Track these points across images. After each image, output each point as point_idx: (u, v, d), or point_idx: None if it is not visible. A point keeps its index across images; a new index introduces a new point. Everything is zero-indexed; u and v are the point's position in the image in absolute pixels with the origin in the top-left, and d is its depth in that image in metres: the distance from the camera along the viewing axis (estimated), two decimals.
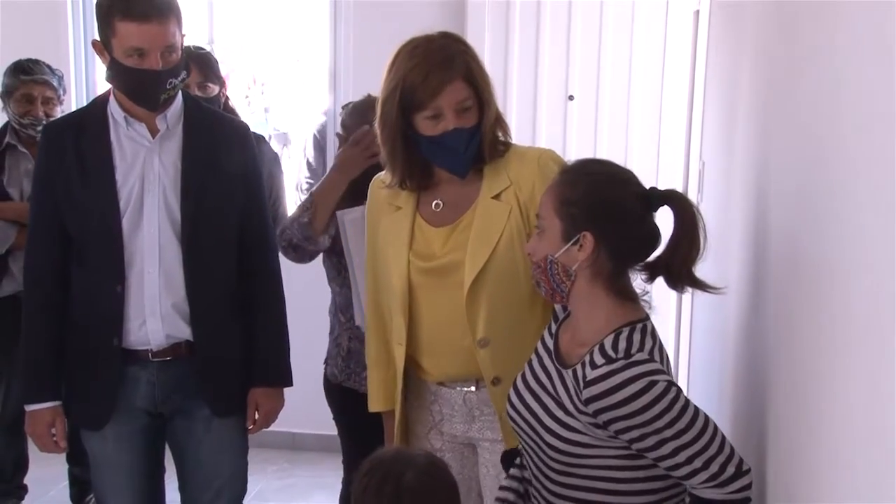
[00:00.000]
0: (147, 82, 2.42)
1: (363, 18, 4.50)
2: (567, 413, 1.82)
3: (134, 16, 2.35)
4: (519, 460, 2.10)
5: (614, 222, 1.81)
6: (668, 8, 4.20)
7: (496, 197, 2.25)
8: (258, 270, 2.67)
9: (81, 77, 4.83)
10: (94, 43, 2.48)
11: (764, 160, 2.05)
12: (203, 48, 3.75)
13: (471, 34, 3.89)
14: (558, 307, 2.00)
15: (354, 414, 2.87)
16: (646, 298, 1.88)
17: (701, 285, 1.85)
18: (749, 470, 1.73)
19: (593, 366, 1.75)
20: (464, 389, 2.33)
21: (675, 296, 2.89)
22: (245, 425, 2.70)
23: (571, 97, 4.30)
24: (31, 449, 2.77)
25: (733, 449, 1.74)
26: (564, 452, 1.82)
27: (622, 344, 1.77)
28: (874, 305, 1.12)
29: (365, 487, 1.79)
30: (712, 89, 3.41)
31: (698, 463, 1.71)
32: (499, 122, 2.29)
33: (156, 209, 2.49)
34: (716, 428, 1.74)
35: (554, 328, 1.99)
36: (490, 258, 2.21)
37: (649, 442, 1.72)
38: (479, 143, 2.23)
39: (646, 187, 1.86)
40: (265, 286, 2.69)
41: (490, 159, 2.27)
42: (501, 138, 2.30)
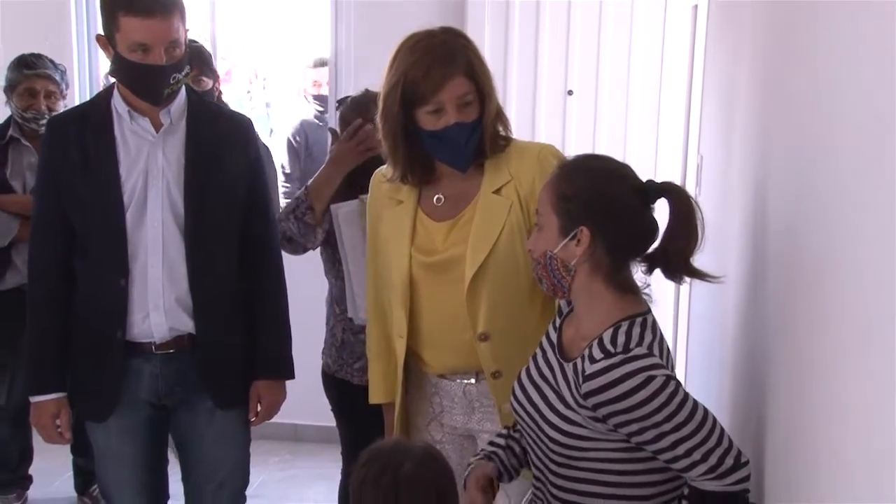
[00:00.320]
0: (151, 77, 2.41)
1: (364, 13, 4.49)
2: (568, 406, 1.81)
3: (138, 11, 2.34)
4: (509, 427, 2.10)
5: (611, 217, 1.81)
6: (667, 3, 4.19)
7: (497, 192, 2.25)
8: (261, 264, 2.67)
9: (85, 71, 4.82)
10: (99, 38, 2.47)
11: (762, 154, 2.05)
12: (196, 41, 3.72)
13: (471, 29, 3.87)
14: (562, 301, 2.00)
15: (349, 404, 2.88)
16: (647, 292, 1.88)
17: (699, 275, 1.84)
18: (747, 462, 1.73)
19: (592, 360, 1.75)
20: (464, 382, 2.33)
21: (674, 287, 2.89)
22: (247, 417, 2.70)
23: (570, 92, 4.29)
24: (36, 440, 2.77)
25: (731, 441, 1.74)
26: (565, 445, 1.82)
27: (621, 338, 1.77)
28: (873, 298, 1.11)
29: (363, 479, 1.79)
30: (710, 84, 3.40)
31: (697, 455, 1.71)
32: (499, 117, 2.29)
33: (159, 203, 2.49)
34: (714, 420, 1.74)
35: (558, 322, 1.99)
36: (491, 253, 2.21)
37: (648, 435, 1.72)
38: (480, 138, 2.23)
39: (642, 181, 1.86)
40: (267, 280, 2.68)
41: (491, 154, 2.27)
42: (502, 133, 2.30)
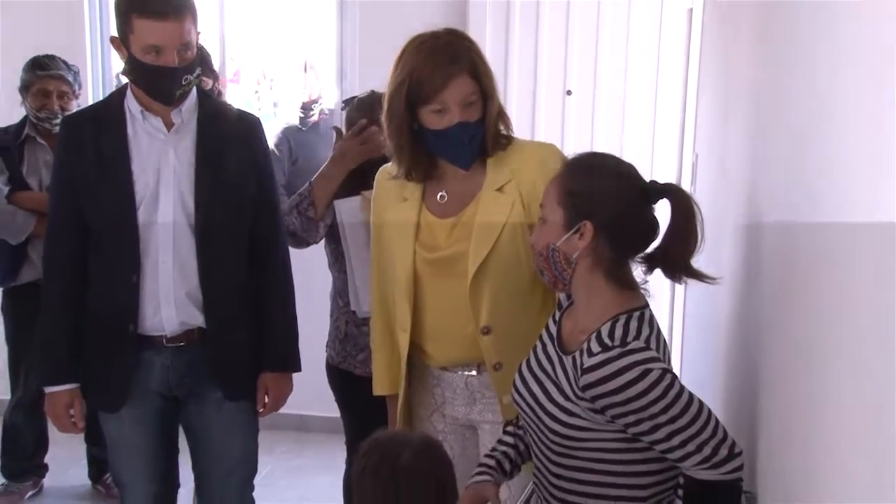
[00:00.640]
0: (163, 78, 2.41)
1: (368, 15, 4.48)
2: (567, 398, 1.81)
3: (151, 13, 2.34)
4: (515, 420, 2.10)
5: (614, 213, 1.81)
6: (663, 5, 4.19)
7: (499, 189, 2.24)
8: (269, 260, 2.66)
9: (98, 72, 4.82)
10: (113, 39, 2.47)
11: (756, 152, 2.05)
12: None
13: (472, 31, 3.87)
14: (562, 295, 2.00)
15: (352, 394, 2.88)
16: (645, 287, 1.88)
17: (698, 276, 1.85)
18: (741, 452, 1.73)
19: (590, 353, 1.75)
20: (465, 373, 2.33)
21: (670, 282, 2.88)
22: (255, 408, 2.70)
23: (569, 92, 4.29)
24: (52, 429, 2.77)
25: (726, 432, 1.74)
26: (564, 436, 1.82)
27: (618, 332, 1.77)
28: (866, 294, 1.11)
29: (363, 469, 1.79)
30: (705, 84, 3.40)
31: (692, 446, 1.71)
32: (501, 117, 2.28)
33: (170, 200, 2.49)
34: (709, 412, 1.74)
35: (558, 315, 1.99)
36: (492, 249, 2.21)
37: (644, 427, 1.72)
38: (483, 137, 2.23)
39: (646, 181, 1.86)
40: (275, 275, 2.68)
41: (493, 152, 2.26)
42: (504, 132, 2.30)
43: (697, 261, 1.84)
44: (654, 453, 1.77)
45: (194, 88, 2.54)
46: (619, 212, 1.82)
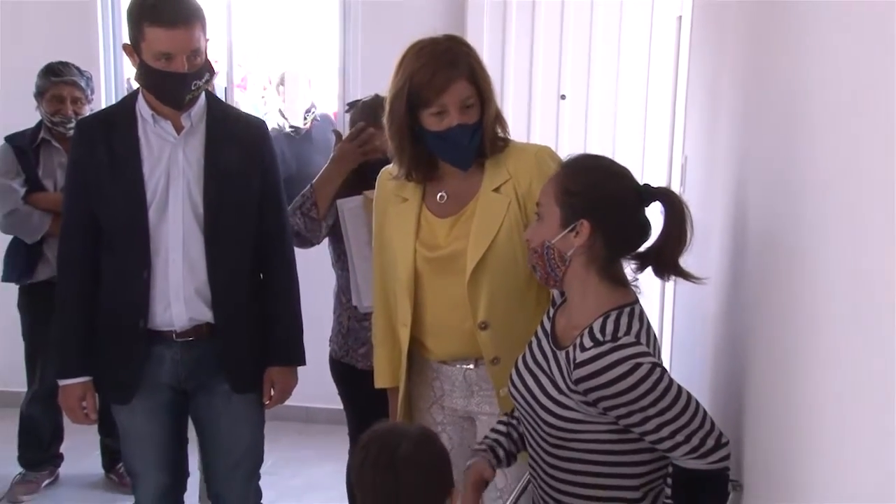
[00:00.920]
0: (173, 84, 2.41)
1: (370, 21, 4.48)
2: (560, 392, 1.81)
3: (162, 22, 2.35)
4: (508, 414, 2.10)
5: (611, 213, 1.81)
6: (653, 14, 4.20)
7: (496, 190, 2.24)
8: (274, 258, 2.66)
9: (111, 77, 4.81)
10: (125, 46, 2.47)
11: (743, 154, 2.04)
12: None
13: (470, 38, 3.86)
14: (556, 292, 2.00)
15: (354, 387, 2.88)
16: (636, 284, 1.88)
17: (686, 275, 1.84)
18: (728, 442, 1.73)
19: (582, 348, 1.75)
20: (464, 367, 2.32)
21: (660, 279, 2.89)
22: (261, 401, 2.70)
23: (563, 96, 4.29)
24: (67, 421, 2.77)
25: (713, 423, 1.74)
26: (559, 428, 1.82)
27: (610, 327, 1.77)
28: (845, 289, 1.11)
29: (363, 460, 1.79)
30: (694, 88, 3.40)
31: (680, 437, 1.71)
32: (498, 120, 2.28)
33: (180, 200, 2.49)
34: (697, 404, 1.74)
35: (552, 312, 1.99)
36: (490, 247, 2.20)
37: (635, 419, 1.72)
38: (481, 139, 2.23)
39: (640, 184, 1.86)
40: (281, 273, 2.68)
41: (490, 154, 2.26)
42: (501, 135, 2.29)
43: (686, 259, 1.84)
44: (645, 444, 1.77)
45: (203, 93, 2.54)
46: (616, 212, 1.81)
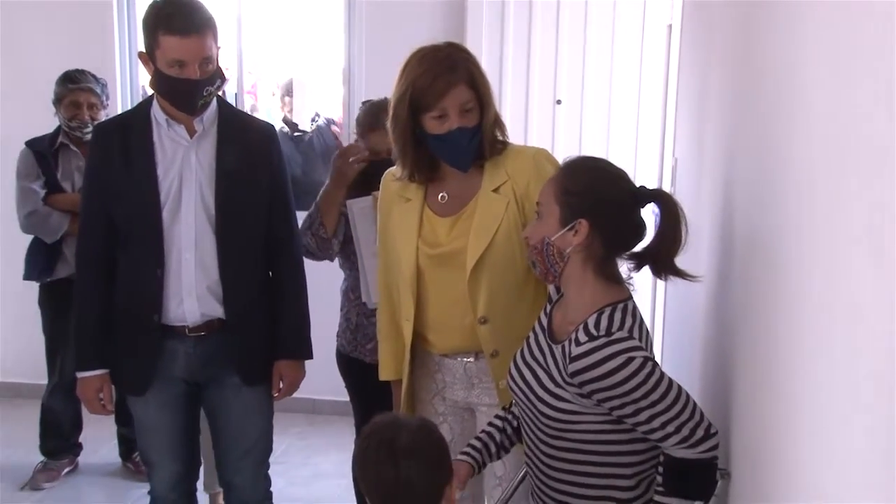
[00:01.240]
0: (186, 90, 2.41)
1: (373, 31, 4.48)
2: (557, 384, 1.81)
3: (176, 31, 2.35)
4: (507, 407, 2.09)
5: (608, 213, 1.80)
6: (645, 22, 4.19)
7: (495, 190, 2.24)
8: (283, 257, 2.66)
9: (127, 84, 4.81)
10: (141, 54, 2.47)
11: (729, 156, 2.04)
12: None
13: (470, 45, 3.86)
14: (552, 289, 1.99)
15: (362, 380, 2.88)
16: (630, 281, 1.87)
17: (682, 275, 1.84)
18: (716, 432, 1.73)
19: (577, 343, 1.75)
20: (464, 360, 2.32)
21: (653, 277, 2.89)
22: (271, 393, 2.70)
23: (559, 101, 4.29)
24: (85, 411, 2.77)
25: (703, 414, 1.74)
26: (555, 419, 1.81)
27: (604, 322, 1.76)
28: (826, 285, 1.11)
29: (365, 450, 1.78)
30: (684, 93, 3.40)
31: (671, 428, 1.71)
32: (497, 123, 2.28)
33: (192, 201, 2.49)
34: (687, 396, 1.73)
35: (548, 308, 1.98)
36: (490, 245, 2.20)
37: (628, 410, 1.72)
38: (480, 141, 2.22)
39: (637, 186, 1.85)
40: (289, 271, 2.68)
41: (490, 156, 2.26)
42: (500, 137, 2.29)
43: (678, 259, 1.84)
44: (638, 434, 1.76)
45: (214, 98, 2.54)
46: (613, 213, 1.81)
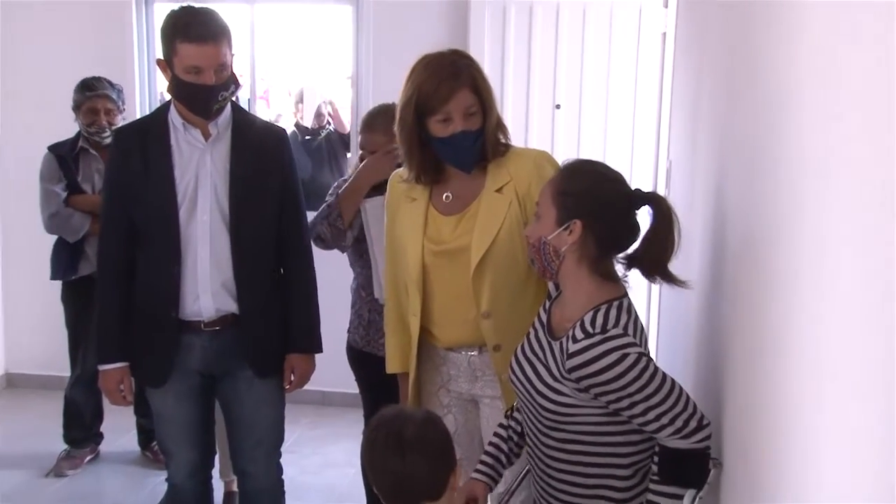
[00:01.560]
0: (202, 95, 2.41)
1: (380, 39, 4.47)
2: (555, 379, 1.80)
3: (193, 39, 2.35)
4: (511, 412, 2.09)
5: (601, 214, 1.80)
6: (640, 31, 4.18)
7: (498, 190, 2.23)
8: (294, 254, 2.66)
9: (145, 89, 4.82)
10: (159, 61, 2.48)
11: (721, 159, 2.04)
12: None
13: (473, 52, 3.85)
14: (551, 286, 1.99)
15: (374, 374, 2.87)
16: (626, 279, 1.87)
17: (672, 279, 1.82)
18: (709, 424, 1.72)
19: (574, 340, 1.74)
20: (468, 354, 2.32)
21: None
22: (282, 385, 2.69)
23: (558, 106, 4.28)
24: (106, 402, 2.78)
25: (695, 406, 1.73)
26: (554, 412, 1.81)
27: (600, 320, 1.76)
28: (813, 285, 1.11)
29: (372, 442, 1.78)
30: (678, 98, 3.39)
31: (665, 420, 1.70)
32: (500, 126, 2.27)
33: (208, 201, 2.49)
34: (680, 389, 1.73)
35: (548, 305, 1.98)
36: (493, 243, 2.20)
37: (623, 403, 1.71)
38: (483, 144, 2.22)
39: (631, 188, 1.85)
40: (299, 268, 2.68)
41: (492, 158, 2.25)
42: (502, 140, 2.29)
43: (672, 262, 1.83)
44: (633, 426, 1.76)
45: (228, 103, 2.54)
46: (606, 214, 1.80)
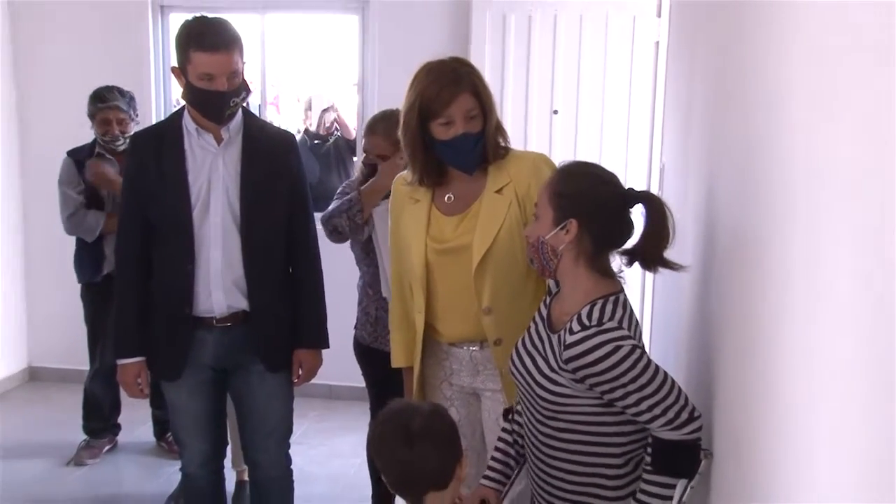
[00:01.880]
0: (215, 101, 2.41)
1: (385, 47, 4.47)
2: (553, 370, 1.80)
3: (206, 47, 2.35)
4: (511, 416, 2.09)
5: (596, 214, 1.79)
6: (634, 39, 4.18)
7: (498, 191, 2.23)
8: (302, 254, 2.65)
9: (161, 96, 4.82)
10: (173, 69, 2.48)
11: (712, 161, 2.03)
12: None
13: (474, 59, 3.85)
14: (552, 283, 1.99)
15: (381, 368, 2.87)
16: (621, 275, 1.86)
17: (671, 266, 1.82)
18: (700, 416, 1.72)
19: (571, 332, 1.74)
20: (470, 348, 2.31)
21: (642, 271, 2.89)
22: (291, 379, 2.69)
23: (556, 111, 4.27)
24: (123, 394, 2.78)
25: (687, 398, 1.72)
26: (551, 402, 1.81)
27: (595, 314, 1.75)
28: (801, 280, 1.11)
29: (381, 434, 1.78)
30: (670, 103, 3.39)
31: (657, 410, 1.69)
32: (499, 130, 2.27)
33: (220, 203, 2.49)
34: (673, 381, 1.72)
35: (548, 300, 1.97)
36: (493, 242, 2.19)
37: (617, 394, 1.71)
38: (484, 146, 2.22)
39: (625, 188, 1.84)
40: (307, 267, 2.67)
41: (493, 160, 2.25)
42: (502, 143, 2.28)
43: (668, 254, 1.82)
44: (627, 417, 1.75)
45: (240, 109, 2.54)
46: (601, 213, 1.80)
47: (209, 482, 2.77)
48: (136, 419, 4.19)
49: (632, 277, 1.92)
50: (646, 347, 1.80)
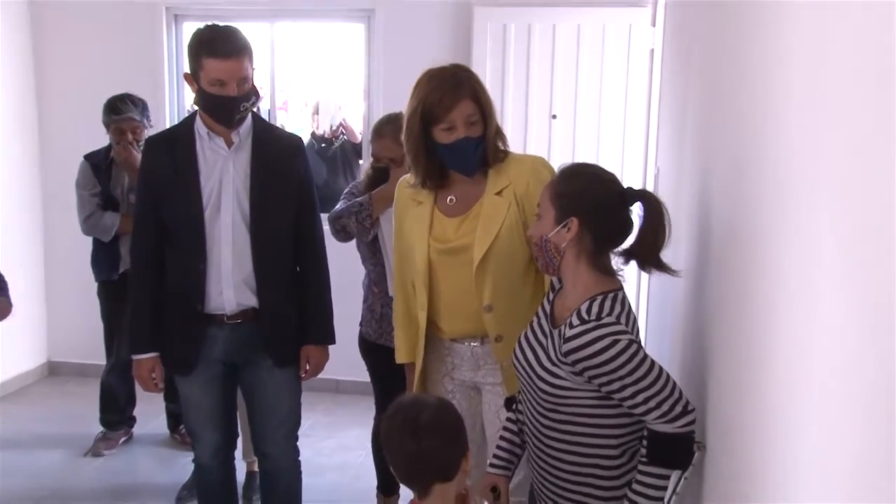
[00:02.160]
0: (226, 106, 2.41)
1: (389, 54, 4.47)
2: (553, 363, 1.79)
3: (217, 54, 2.35)
4: (515, 406, 2.08)
5: (596, 212, 1.79)
6: (630, 47, 4.17)
7: (498, 193, 2.22)
8: (309, 253, 2.65)
9: (174, 102, 4.82)
10: (186, 76, 2.48)
11: (705, 166, 2.03)
12: None
13: (475, 67, 3.85)
14: (554, 280, 1.98)
15: (386, 364, 2.87)
16: (620, 273, 1.86)
17: (665, 268, 1.82)
18: (693, 409, 1.71)
19: (571, 326, 1.73)
20: (471, 344, 2.31)
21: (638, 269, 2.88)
22: (299, 374, 2.69)
23: (554, 116, 4.27)
24: (138, 388, 2.77)
25: (681, 392, 1.72)
26: (551, 394, 1.80)
27: (595, 309, 1.75)
28: (791, 278, 1.10)
29: (390, 427, 1.77)
30: (665, 109, 3.38)
31: (652, 403, 1.69)
32: (499, 134, 2.26)
33: (230, 204, 2.49)
34: (668, 376, 1.72)
35: (551, 296, 1.97)
36: (494, 241, 2.19)
37: (614, 386, 1.70)
38: (484, 150, 2.21)
39: (624, 187, 1.83)
40: (314, 266, 2.67)
41: (493, 163, 2.25)
42: (501, 147, 2.28)
43: (663, 254, 1.82)
44: (623, 409, 1.75)
45: (249, 114, 2.53)
46: (600, 212, 1.79)
47: (220, 473, 2.77)
48: (151, 412, 4.19)
49: (629, 275, 1.91)
50: (642, 343, 1.80)
